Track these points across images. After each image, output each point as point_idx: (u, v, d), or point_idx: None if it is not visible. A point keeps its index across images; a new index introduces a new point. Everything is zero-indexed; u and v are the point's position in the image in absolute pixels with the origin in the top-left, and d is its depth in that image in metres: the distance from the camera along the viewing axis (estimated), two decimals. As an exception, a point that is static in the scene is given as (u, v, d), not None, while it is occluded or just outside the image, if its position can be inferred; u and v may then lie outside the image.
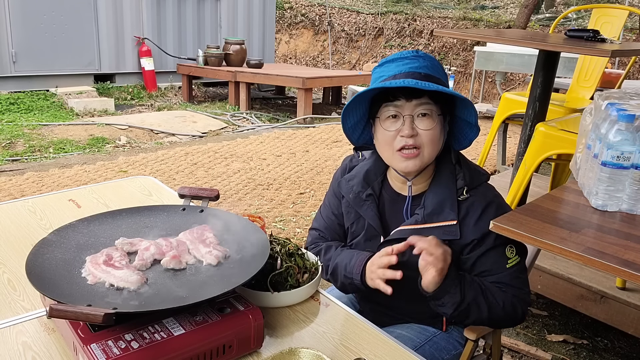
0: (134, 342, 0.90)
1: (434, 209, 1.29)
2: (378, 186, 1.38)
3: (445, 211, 1.28)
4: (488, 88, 9.18)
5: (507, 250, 1.29)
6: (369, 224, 1.37)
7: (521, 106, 3.25)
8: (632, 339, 2.47)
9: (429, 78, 1.23)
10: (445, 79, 1.28)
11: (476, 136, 1.31)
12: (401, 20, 11.49)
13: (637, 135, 1.28)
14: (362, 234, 1.39)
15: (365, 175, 1.39)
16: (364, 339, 1.09)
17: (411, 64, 1.24)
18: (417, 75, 1.22)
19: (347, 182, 1.41)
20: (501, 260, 1.29)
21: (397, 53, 1.28)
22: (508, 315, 1.28)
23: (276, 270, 1.19)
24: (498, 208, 1.31)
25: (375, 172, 1.39)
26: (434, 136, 1.25)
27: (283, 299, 1.17)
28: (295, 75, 6.78)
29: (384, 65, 1.28)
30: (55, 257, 1.09)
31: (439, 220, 1.28)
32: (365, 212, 1.37)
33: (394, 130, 1.25)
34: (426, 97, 1.24)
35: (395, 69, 1.25)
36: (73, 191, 1.81)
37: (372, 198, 1.37)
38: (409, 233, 1.27)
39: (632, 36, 9.36)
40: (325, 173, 4.59)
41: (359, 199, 1.38)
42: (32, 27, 6.72)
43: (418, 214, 1.30)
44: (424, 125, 1.24)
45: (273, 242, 1.27)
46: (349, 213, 1.42)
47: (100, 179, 4.12)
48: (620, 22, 3.71)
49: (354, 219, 1.41)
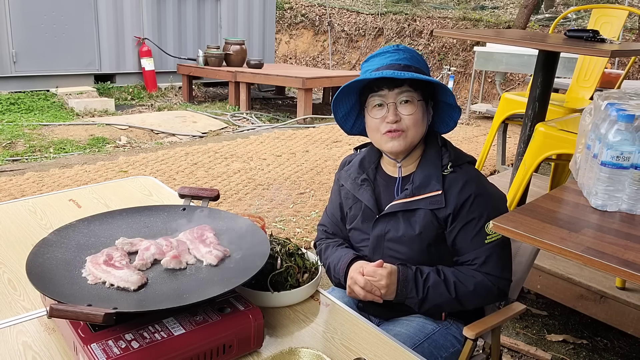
0: (134, 342, 0.90)
1: (421, 182, 1.41)
2: (372, 172, 1.52)
3: (431, 184, 1.40)
4: (488, 88, 9.18)
5: (486, 227, 1.37)
6: (365, 206, 1.48)
7: (521, 106, 3.26)
8: (631, 339, 2.47)
9: (407, 68, 1.37)
10: (425, 67, 1.43)
11: (459, 116, 1.45)
12: (401, 20, 11.50)
13: (636, 135, 1.28)
14: (359, 216, 1.50)
15: (360, 162, 1.54)
16: (364, 338, 1.09)
17: (392, 56, 1.39)
18: (397, 66, 1.36)
19: (346, 172, 1.56)
20: (480, 236, 1.38)
21: (381, 48, 1.44)
22: (481, 296, 1.39)
23: (276, 270, 1.19)
24: (478, 183, 1.41)
25: (369, 160, 1.53)
26: (416, 120, 1.38)
27: (283, 298, 1.17)
28: (295, 76, 6.78)
29: (370, 60, 1.43)
30: (55, 257, 1.09)
31: (426, 192, 1.40)
32: (362, 195, 1.49)
33: (380, 117, 1.39)
34: (406, 86, 1.36)
35: (379, 62, 1.40)
36: (73, 191, 1.82)
37: (367, 182, 1.50)
38: (400, 207, 1.42)
39: (631, 36, 9.36)
40: (325, 173, 4.59)
41: (356, 184, 1.51)
42: (32, 27, 6.72)
43: (407, 189, 1.43)
44: (406, 111, 1.38)
45: (273, 242, 1.27)
46: (347, 199, 1.55)
47: (101, 179, 4.12)
48: (620, 23, 3.71)
49: (352, 203, 1.53)
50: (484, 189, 1.42)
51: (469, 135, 6.31)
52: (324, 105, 8.11)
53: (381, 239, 1.45)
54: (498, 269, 1.39)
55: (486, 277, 1.38)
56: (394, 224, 1.43)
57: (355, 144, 6.11)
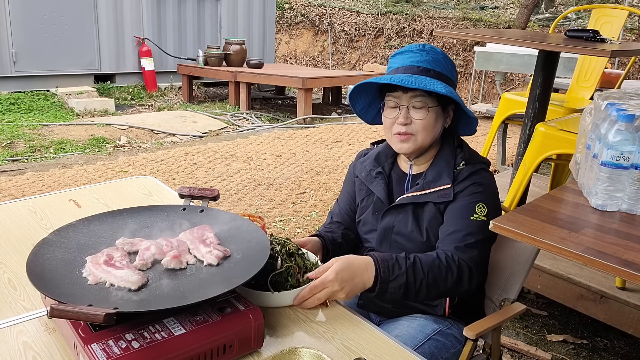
0: (134, 342, 0.90)
1: (433, 177, 1.42)
2: (388, 167, 1.54)
3: (442, 178, 1.41)
4: (488, 88, 9.18)
5: (477, 206, 1.36)
6: (377, 198, 1.50)
7: (521, 106, 3.26)
8: (631, 339, 2.47)
9: (425, 72, 1.36)
10: (448, 71, 1.39)
11: (476, 123, 1.45)
12: (401, 20, 11.49)
13: (636, 135, 1.28)
14: (371, 207, 1.52)
15: (376, 156, 1.56)
16: (364, 338, 1.09)
17: (414, 57, 1.38)
18: (414, 69, 1.36)
19: (361, 163, 1.58)
20: (467, 211, 1.36)
21: (408, 46, 1.43)
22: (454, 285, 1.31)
23: (276, 270, 1.19)
24: (486, 182, 1.40)
25: (386, 154, 1.55)
26: (426, 125, 1.38)
27: (283, 298, 1.17)
28: (295, 76, 6.78)
29: (396, 56, 1.43)
30: (55, 257, 1.09)
31: (436, 186, 1.40)
32: (375, 187, 1.51)
33: (392, 117, 1.41)
34: (420, 90, 1.35)
35: (400, 61, 1.40)
36: (73, 191, 1.82)
37: (381, 175, 1.51)
38: (409, 199, 1.42)
39: (631, 36, 9.36)
40: (325, 173, 4.59)
41: (370, 177, 1.53)
42: (32, 27, 6.72)
43: (419, 183, 1.44)
44: (417, 116, 1.38)
45: (273, 242, 1.27)
46: (360, 190, 1.56)
47: (101, 179, 4.12)
48: (620, 22, 3.71)
49: (365, 195, 1.54)
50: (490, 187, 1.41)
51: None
52: (324, 105, 8.11)
53: (389, 231, 1.46)
54: (470, 247, 1.32)
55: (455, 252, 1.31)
56: (403, 217, 1.43)
57: (355, 144, 6.13)
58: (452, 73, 1.41)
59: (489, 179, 1.43)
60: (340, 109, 7.96)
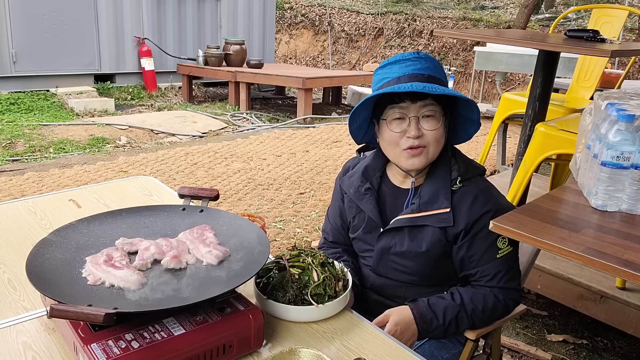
0: (134, 342, 0.90)
1: (429, 198, 1.34)
2: (377, 181, 1.44)
3: (439, 200, 1.33)
4: (488, 88, 9.18)
5: (499, 241, 1.33)
6: (368, 217, 1.42)
7: (521, 106, 3.25)
8: (631, 339, 2.47)
9: (432, 79, 1.27)
10: (445, 78, 1.33)
11: (477, 131, 1.37)
12: (401, 20, 11.49)
13: (636, 135, 1.28)
14: (362, 227, 1.44)
15: (364, 170, 1.45)
16: (364, 339, 1.09)
17: (413, 65, 1.29)
18: (421, 77, 1.27)
19: (348, 179, 1.48)
20: (491, 251, 1.33)
21: (398, 55, 1.33)
22: (493, 313, 1.35)
23: (315, 283, 1.16)
24: (489, 197, 1.35)
25: (373, 168, 1.45)
26: (438, 135, 1.30)
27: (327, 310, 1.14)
28: (295, 76, 6.77)
29: (386, 67, 1.32)
30: (55, 257, 1.09)
31: (433, 209, 1.33)
32: (365, 205, 1.42)
33: (400, 131, 1.30)
34: (430, 99, 1.28)
35: (399, 71, 1.29)
36: (73, 191, 1.82)
37: (370, 192, 1.42)
38: (406, 222, 1.35)
39: (632, 36, 9.36)
40: (325, 173, 4.59)
41: (359, 193, 1.43)
42: (32, 27, 6.72)
43: (414, 204, 1.35)
44: (429, 126, 1.29)
45: (301, 253, 1.24)
46: (350, 208, 1.47)
47: (101, 179, 4.12)
48: (620, 22, 3.71)
49: (355, 213, 1.46)
50: (495, 203, 1.34)
51: (469, 135, 6.30)
52: (324, 105, 8.11)
53: (386, 252, 1.40)
54: (509, 281, 1.35)
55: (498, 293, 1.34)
56: (400, 238, 1.37)
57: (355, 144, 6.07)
58: (446, 79, 1.37)
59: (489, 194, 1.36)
60: (340, 108, 7.96)
